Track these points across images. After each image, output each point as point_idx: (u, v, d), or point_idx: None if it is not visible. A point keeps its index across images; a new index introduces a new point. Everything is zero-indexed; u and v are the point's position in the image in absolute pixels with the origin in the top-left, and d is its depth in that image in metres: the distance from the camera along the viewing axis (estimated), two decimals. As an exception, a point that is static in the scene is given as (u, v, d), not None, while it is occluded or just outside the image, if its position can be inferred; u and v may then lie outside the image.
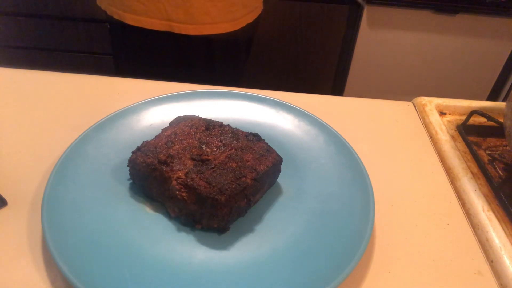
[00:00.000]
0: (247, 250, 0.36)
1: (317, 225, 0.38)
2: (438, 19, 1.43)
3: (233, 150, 0.40)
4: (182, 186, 0.37)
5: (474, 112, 0.56)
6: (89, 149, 0.44)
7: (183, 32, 0.74)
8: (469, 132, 0.56)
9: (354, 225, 0.38)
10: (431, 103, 0.60)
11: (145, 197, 0.40)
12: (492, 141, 0.55)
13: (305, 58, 1.59)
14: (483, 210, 0.43)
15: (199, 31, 0.75)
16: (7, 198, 0.40)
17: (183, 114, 0.48)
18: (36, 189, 0.42)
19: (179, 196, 0.37)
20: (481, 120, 0.57)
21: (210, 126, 0.43)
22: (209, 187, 0.36)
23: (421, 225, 0.42)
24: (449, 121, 0.58)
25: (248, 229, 0.38)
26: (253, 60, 0.98)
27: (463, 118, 0.57)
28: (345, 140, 0.47)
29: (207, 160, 0.39)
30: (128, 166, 0.40)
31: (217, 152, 0.40)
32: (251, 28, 0.83)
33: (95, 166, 0.42)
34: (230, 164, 0.39)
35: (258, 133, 0.43)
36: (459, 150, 0.52)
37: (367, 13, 1.43)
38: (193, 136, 0.42)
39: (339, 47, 1.56)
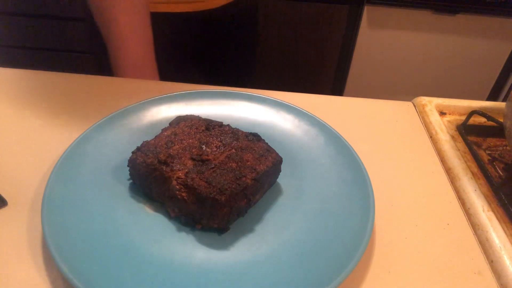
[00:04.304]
0: (247, 250, 0.36)
1: (317, 225, 0.38)
2: (438, 19, 1.43)
3: (233, 150, 0.40)
4: (182, 186, 0.37)
5: (474, 112, 0.56)
6: (89, 149, 0.44)
7: (180, 10, 0.75)
8: (469, 132, 0.56)
9: (354, 225, 0.38)
10: (431, 103, 0.60)
11: (145, 197, 0.40)
12: (492, 141, 0.55)
13: (305, 58, 1.59)
14: (483, 210, 0.43)
15: (194, 8, 0.76)
16: (7, 198, 0.40)
17: (183, 114, 0.48)
18: (36, 189, 0.42)
19: (179, 196, 0.37)
20: (481, 120, 0.57)
21: (210, 126, 0.43)
22: (209, 187, 0.36)
23: (421, 225, 0.42)
24: (449, 121, 0.58)
25: (248, 229, 0.38)
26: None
27: (463, 118, 0.57)
28: (345, 140, 0.47)
29: (207, 160, 0.39)
30: (128, 166, 0.40)
31: (217, 152, 0.40)
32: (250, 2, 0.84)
33: (95, 166, 0.42)
34: (230, 164, 0.39)
35: (258, 133, 0.43)
36: (459, 150, 0.52)
37: (367, 13, 1.43)
38: (193, 136, 0.42)
39: (339, 47, 1.56)
